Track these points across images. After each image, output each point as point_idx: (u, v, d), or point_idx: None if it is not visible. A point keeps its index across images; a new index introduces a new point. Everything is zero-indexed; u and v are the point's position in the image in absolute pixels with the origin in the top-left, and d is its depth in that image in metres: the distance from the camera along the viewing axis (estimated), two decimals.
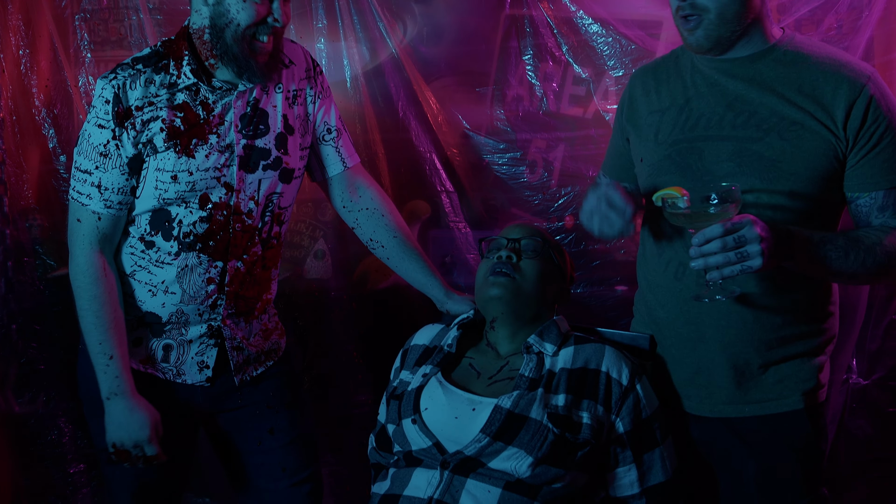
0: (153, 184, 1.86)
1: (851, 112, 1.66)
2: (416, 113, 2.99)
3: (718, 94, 1.76)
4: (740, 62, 1.74)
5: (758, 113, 1.71)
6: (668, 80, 1.85)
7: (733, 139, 1.72)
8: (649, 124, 1.85)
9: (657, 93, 1.86)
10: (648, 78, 1.90)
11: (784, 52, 1.73)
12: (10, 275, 3.03)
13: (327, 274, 3.11)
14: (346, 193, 2.13)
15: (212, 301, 1.95)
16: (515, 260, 1.83)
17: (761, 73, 1.73)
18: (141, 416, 1.86)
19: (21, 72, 3.05)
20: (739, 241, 1.53)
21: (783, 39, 1.75)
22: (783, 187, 1.68)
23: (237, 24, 1.80)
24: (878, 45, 2.86)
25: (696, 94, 1.79)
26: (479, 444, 1.65)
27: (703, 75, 1.79)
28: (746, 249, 1.52)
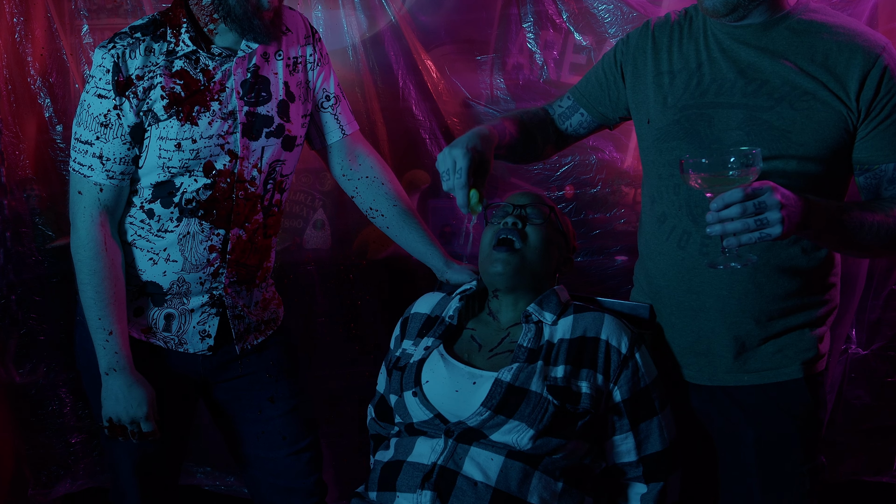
0: (156, 153, 1.84)
1: (865, 83, 1.64)
2: (415, 82, 2.97)
3: (730, 61, 1.74)
4: (753, 29, 1.72)
5: (769, 82, 1.69)
6: (682, 42, 1.82)
7: (744, 107, 1.70)
8: (659, 84, 1.82)
9: (668, 52, 1.83)
10: (663, 33, 1.85)
11: (798, 20, 1.71)
12: (9, 245, 3.03)
13: (326, 244, 3.10)
14: (345, 161, 2.12)
15: (214, 269, 1.94)
16: (521, 226, 1.82)
17: (774, 42, 1.71)
18: (139, 393, 1.86)
19: (15, 40, 3.02)
20: (760, 207, 1.47)
21: (797, 7, 1.73)
22: (793, 157, 1.67)
23: None
24: (883, 13, 2.84)
25: (709, 59, 1.76)
26: (480, 416, 1.66)
27: (716, 40, 1.76)
28: (766, 216, 1.47)
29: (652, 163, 1.86)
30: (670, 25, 1.86)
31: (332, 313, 3.02)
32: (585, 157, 2.91)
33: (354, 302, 2.99)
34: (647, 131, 1.86)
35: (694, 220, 1.76)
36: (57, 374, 2.97)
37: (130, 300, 1.93)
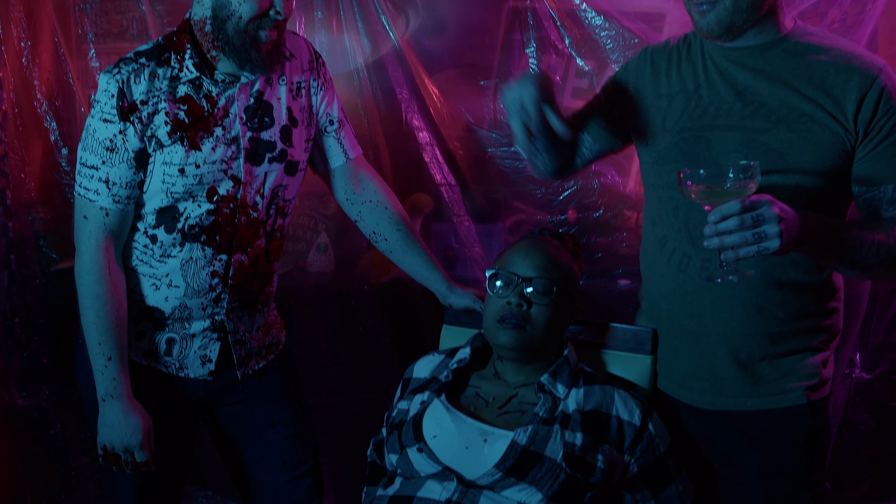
0: (160, 178, 1.85)
1: (863, 104, 1.64)
2: (418, 106, 2.99)
3: (728, 84, 1.74)
4: (751, 51, 1.73)
5: (767, 104, 1.70)
6: (679, 65, 1.84)
7: (741, 129, 1.71)
8: (657, 107, 1.83)
9: (667, 75, 1.84)
10: (661, 58, 1.87)
11: (795, 42, 1.72)
12: (14, 268, 3.04)
13: (329, 267, 3.11)
14: (348, 186, 2.12)
15: (216, 294, 1.94)
16: (525, 308, 1.77)
17: (772, 64, 1.72)
18: (134, 421, 1.85)
19: (23, 64, 3.05)
20: (757, 219, 1.46)
21: (794, 30, 1.73)
22: (791, 180, 1.67)
23: (239, 17, 1.79)
24: (882, 38, 2.86)
25: (707, 81, 1.77)
26: (491, 477, 1.63)
27: (714, 63, 1.77)
28: (764, 229, 1.46)
29: (652, 185, 1.86)
30: (669, 49, 1.88)
31: (334, 338, 3.02)
32: (588, 182, 2.92)
33: (356, 327, 3.00)
34: (646, 154, 1.87)
35: (693, 242, 1.76)
36: (59, 398, 2.97)
37: (132, 324, 1.93)
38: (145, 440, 1.86)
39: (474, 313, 2.03)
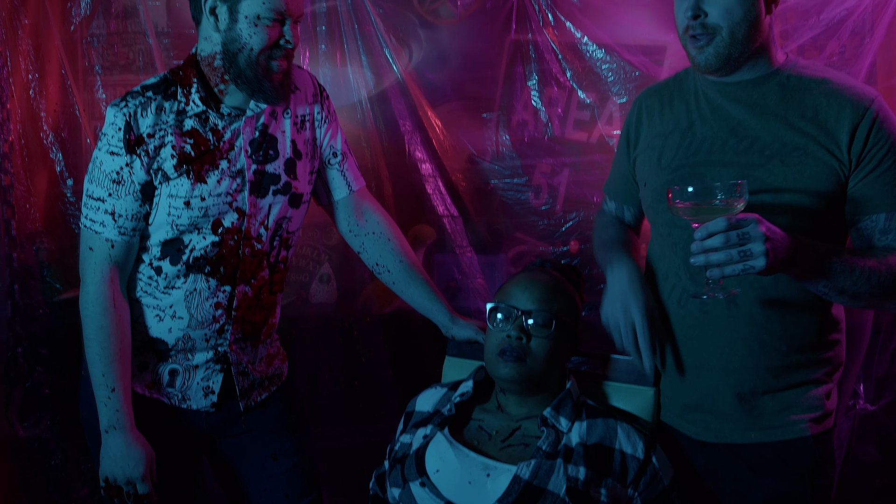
0: (166, 210, 1.86)
1: (855, 134, 1.65)
2: (421, 138, 3.02)
3: (721, 119, 1.76)
4: (744, 86, 1.75)
5: (760, 139, 1.71)
6: (672, 104, 1.86)
7: (736, 165, 1.72)
8: (653, 148, 1.85)
9: (661, 116, 1.87)
10: (653, 101, 1.91)
11: (788, 76, 1.73)
12: (17, 298, 3.04)
13: (332, 298, 3.11)
14: (351, 217, 2.13)
15: (219, 326, 1.95)
16: (525, 341, 1.77)
17: (765, 98, 1.73)
18: (137, 453, 1.85)
19: (30, 96, 3.08)
20: (743, 237, 1.47)
21: (787, 64, 1.75)
22: (787, 214, 1.68)
23: (250, 49, 1.81)
24: (881, 70, 2.88)
25: (700, 118, 1.79)
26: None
27: (707, 99, 1.79)
28: (750, 248, 1.47)
29: (654, 223, 1.88)
30: (659, 90, 1.91)
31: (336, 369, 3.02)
32: (590, 213, 2.94)
33: (358, 358, 2.99)
34: (646, 194, 1.88)
35: (692, 278, 1.77)
36: (61, 428, 2.96)
37: (135, 355, 1.93)
38: (147, 472, 1.85)
39: (477, 345, 2.03)
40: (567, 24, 2.89)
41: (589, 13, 2.89)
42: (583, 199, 2.94)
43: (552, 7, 2.89)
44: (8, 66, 3.03)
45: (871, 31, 2.81)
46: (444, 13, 3.10)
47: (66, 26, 3.17)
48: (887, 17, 2.76)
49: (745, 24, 1.66)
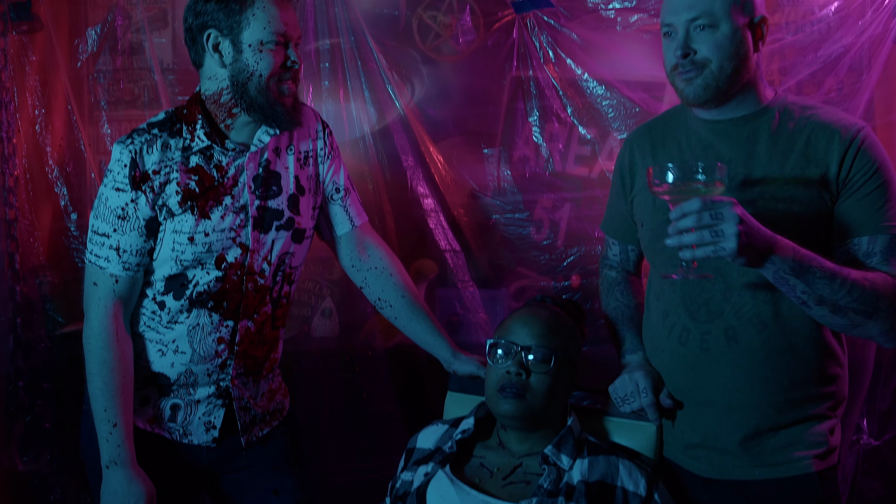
0: (170, 245, 1.87)
1: (843, 161, 1.67)
2: (423, 173, 3.04)
3: (713, 157, 1.78)
4: (734, 123, 1.77)
5: (751, 175, 1.73)
6: (665, 143, 1.88)
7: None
8: (646, 187, 1.87)
9: (653, 156, 1.89)
10: (644, 141, 1.93)
11: (777, 112, 1.76)
12: (19, 332, 3.05)
13: (334, 332, 3.11)
14: (354, 252, 2.14)
15: (221, 361, 1.95)
16: (525, 377, 1.77)
17: (755, 135, 1.75)
18: (137, 489, 1.84)
19: (36, 131, 3.11)
20: (716, 217, 1.47)
21: (775, 100, 1.78)
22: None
23: (259, 75, 1.84)
24: (879, 106, 2.91)
25: (692, 156, 1.81)
26: None
27: (698, 137, 1.81)
28: (722, 228, 1.46)
29: (652, 262, 1.89)
30: (649, 130, 1.94)
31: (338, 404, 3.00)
32: (591, 248, 2.95)
33: (360, 393, 2.98)
34: (643, 234, 1.90)
35: (692, 316, 1.77)
36: (61, 463, 2.95)
37: (137, 390, 1.93)
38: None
39: (479, 380, 2.02)
40: (567, 60, 2.92)
41: (589, 50, 2.93)
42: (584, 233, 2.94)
43: (553, 44, 2.93)
44: (15, 102, 3.06)
45: (869, 68, 2.84)
46: (446, 50, 3.14)
47: (72, 62, 3.21)
48: (884, 54, 2.80)
49: (734, 59, 1.69)
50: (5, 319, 3.01)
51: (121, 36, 3.22)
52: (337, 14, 3.02)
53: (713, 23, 1.69)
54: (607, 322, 2.02)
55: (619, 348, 1.96)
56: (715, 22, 1.69)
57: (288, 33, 1.85)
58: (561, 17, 2.92)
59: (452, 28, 3.08)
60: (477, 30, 3.07)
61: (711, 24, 1.69)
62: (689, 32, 1.71)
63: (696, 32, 1.70)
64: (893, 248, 1.68)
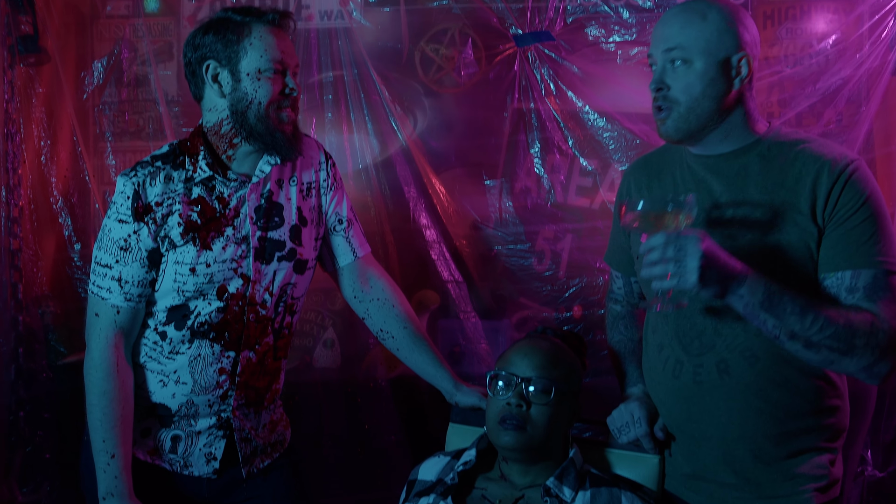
0: (172, 276, 1.88)
1: (831, 193, 1.66)
2: (425, 204, 3.05)
3: (705, 192, 1.78)
4: (725, 158, 1.77)
5: (741, 210, 1.73)
6: (660, 177, 1.89)
7: (719, 236, 1.72)
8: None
9: (649, 189, 1.90)
10: (641, 174, 1.94)
11: (769, 146, 1.75)
12: (21, 362, 3.05)
13: (336, 363, 3.11)
14: (356, 283, 2.15)
15: (223, 391, 1.95)
16: (525, 409, 1.76)
17: (746, 169, 1.75)
18: None
19: (41, 162, 3.14)
20: (679, 251, 1.52)
21: (768, 133, 1.77)
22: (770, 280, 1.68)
23: (258, 103, 1.86)
24: (878, 138, 2.93)
25: (685, 191, 1.81)
26: None
27: (691, 172, 1.82)
28: (685, 262, 1.51)
29: (648, 295, 1.90)
30: (646, 163, 1.95)
31: (340, 435, 2.99)
32: (593, 279, 2.95)
33: (362, 424, 2.97)
34: (638, 266, 1.90)
35: (684, 348, 1.77)
36: (60, 494, 2.93)
37: (138, 421, 1.93)
38: None
39: (481, 412, 2.02)
40: (568, 93, 2.95)
41: (590, 83, 2.96)
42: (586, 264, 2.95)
43: (554, 77, 2.96)
44: (21, 133, 3.09)
45: (867, 100, 2.87)
46: (448, 82, 3.17)
47: (78, 94, 3.25)
48: (882, 86, 2.82)
49: (704, 99, 1.70)
50: (7, 349, 3.01)
51: (126, 68, 3.26)
52: (340, 47, 3.06)
53: (687, 57, 1.70)
54: (611, 355, 2.02)
55: (621, 381, 1.96)
56: (689, 57, 1.69)
57: (285, 61, 1.87)
58: (562, 50, 2.96)
59: (454, 61, 3.12)
60: (479, 62, 3.10)
61: (685, 58, 1.70)
62: (666, 67, 1.73)
63: (671, 67, 1.72)
64: (878, 284, 1.64)
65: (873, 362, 1.61)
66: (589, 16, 2.98)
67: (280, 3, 3.12)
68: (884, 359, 1.60)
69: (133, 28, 3.26)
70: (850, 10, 2.97)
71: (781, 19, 3.11)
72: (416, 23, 3.14)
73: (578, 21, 2.98)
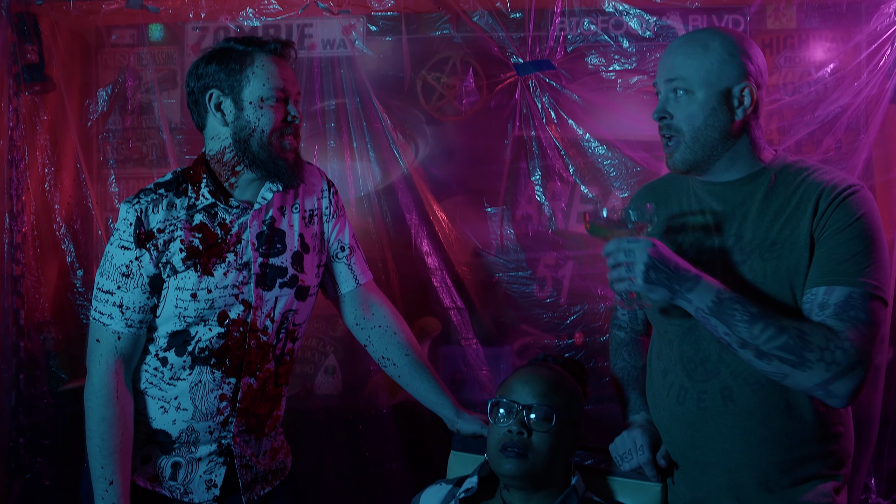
0: (173, 302, 1.89)
1: (825, 213, 1.67)
2: (427, 231, 3.06)
3: (711, 219, 1.80)
4: (731, 186, 1.79)
5: (743, 236, 1.74)
6: (667, 203, 1.90)
7: (720, 263, 1.75)
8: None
9: (656, 215, 1.91)
10: (648, 200, 1.95)
11: (775, 174, 1.77)
12: (22, 388, 3.04)
13: (337, 390, 3.10)
14: (358, 311, 2.16)
15: (223, 418, 1.95)
16: (527, 436, 1.76)
17: (751, 197, 1.77)
18: None
19: (45, 189, 3.16)
20: (629, 255, 1.64)
21: (774, 162, 1.79)
22: (768, 306, 1.68)
23: (261, 131, 1.88)
24: (877, 165, 2.94)
25: (691, 216, 1.83)
26: None
27: (697, 199, 1.84)
28: (634, 266, 1.64)
29: (652, 321, 1.91)
30: (652, 191, 1.97)
31: (341, 462, 2.98)
32: (594, 306, 2.95)
33: (363, 452, 2.96)
34: None
35: (689, 374, 1.78)
36: None
37: (138, 448, 1.93)
38: None
39: (482, 439, 2.02)
40: (569, 121, 2.97)
41: (590, 111, 2.98)
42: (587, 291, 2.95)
43: (554, 105, 2.98)
44: (25, 160, 3.11)
45: (866, 128, 2.88)
46: (450, 110, 3.19)
47: (83, 122, 3.27)
48: (881, 114, 2.84)
49: (706, 129, 1.73)
50: (8, 375, 3.01)
51: (130, 96, 3.29)
52: (343, 75, 3.09)
53: (688, 88, 1.72)
54: (614, 382, 2.02)
55: (624, 409, 1.95)
56: (690, 87, 1.72)
57: (287, 89, 1.90)
58: (562, 79, 2.98)
59: (456, 89, 3.14)
60: (480, 91, 3.12)
61: (687, 89, 1.73)
62: (668, 96, 1.76)
63: (674, 97, 1.75)
64: (851, 303, 1.62)
65: (828, 380, 1.59)
66: (589, 45, 3.00)
67: (283, 32, 3.15)
68: (841, 378, 1.59)
69: (137, 57, 3.30)
70: (848, 39, 2.99)
71: (780, 48, 3.14)
72: (418, 52, 3.17)
73: (579, 50, 3.01)
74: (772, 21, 3.15)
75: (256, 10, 3.07)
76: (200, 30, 3.23)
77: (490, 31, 3.00)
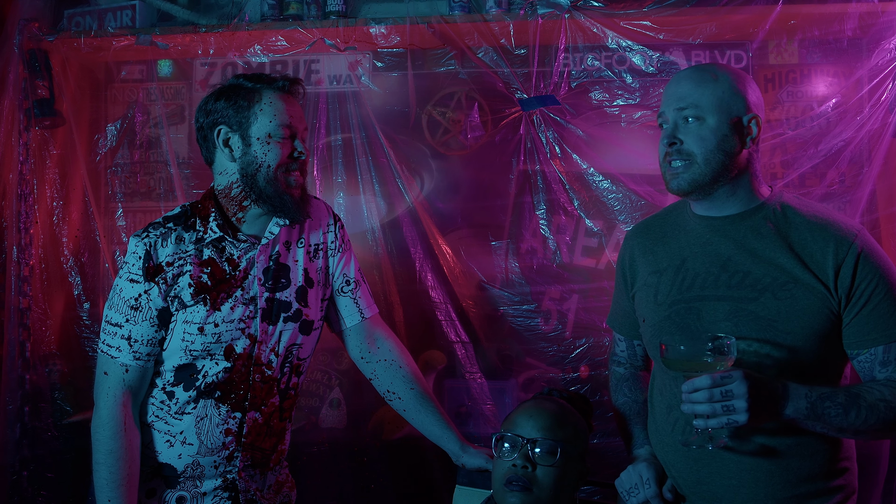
0: (180, 336, 1.90)
1: (840, 271, 1.70)
2: (432, 265, 3.07)
3: (712, 255, 1.81)
4: (731, 220, 1.81)
5: (751, 273, 1.75)
6: (665, 240, 1.91)
7: (729, 299, 1.75)
8: (649, 285, 1.90)
9: (654, 253, 1.92)
10: (644, 238, 1.97)
11: (773, 210, 1.79)
12: (26, 420, 3.04)
13: (342, 423, 3.09)
14: (363, 344, 2.16)
15: (229, 453, 1.94)
16: (531, 470, 1.76)
17: (753, 232, 1.78)
18: None
19: (53, 222, 3.18)
20: (726, 395, 1.57)
21: (772, 198, 1.81)
22: (782, 346, 1.70)
23: (268, 166, 1.90)
24: (881, 198, 2.94)
25: (691, 254, 1.84)
26: None
27: (696, 234, 1.85)
28: (733, 403, 1.56)
29: (655, 358, 1.90)
30: (647, 228, 1.98)
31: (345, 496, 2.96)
32: (599, 339, 2.94)
33: (368, 485, 2.94)
34: (645, 329, 1.92)
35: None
36: None
37: (144, 481, 1.92)
38: None
39: (488, 473, 2.00)
40: (574, 155, 2.99)
41: (594, 145, 2.99)
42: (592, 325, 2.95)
43: (559, 140, 2.99)
44: (34, 194, 3.14)
45: (870, 161, 2.89)
46: (455, 145, 3.22)
47: (91, 156, 3.30)
48: (884, 148, 2.85)
49: (718, 153, 1.74)
50: (14, 407, 3.00)
51: (139, 131, 3.32)
52: (349, 110, 3.12)
53: (700, 115, 1.75)
54: (617, 417, 2.02)
55: (627, 443, 1.95)
56: (701, 115, 1.75)
57: (294, 126, 1.92)
58: (566, 114, 3.00)
59: (461, 124, 3.17)
60: (485, 126, 3.15)
61: (698, 116, 1.75)
62: (678, 123, 1.77)
63: (684, 124, 1.77)
64: None
65: None
66: (593, 80, 3.03)
67: (290, 68, 3.19)
68: None
69: (146, 92, 3.33)
70: (850, 74, 3.02)
71: (782, 82, 3.17)
72: (424, 87, 3.20)
73: (583, 85, 3.03)
74: (774, 56, 3.18)
75: (264, 46, 3.11)
76: (209, 65, 3.27)
77: (495, 66, 3.03)
